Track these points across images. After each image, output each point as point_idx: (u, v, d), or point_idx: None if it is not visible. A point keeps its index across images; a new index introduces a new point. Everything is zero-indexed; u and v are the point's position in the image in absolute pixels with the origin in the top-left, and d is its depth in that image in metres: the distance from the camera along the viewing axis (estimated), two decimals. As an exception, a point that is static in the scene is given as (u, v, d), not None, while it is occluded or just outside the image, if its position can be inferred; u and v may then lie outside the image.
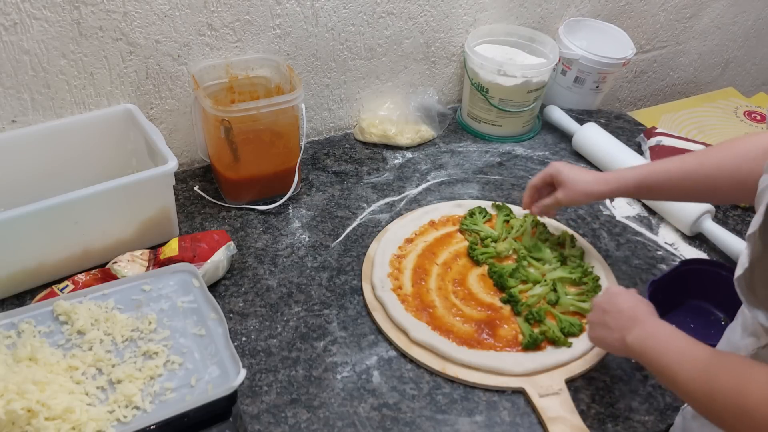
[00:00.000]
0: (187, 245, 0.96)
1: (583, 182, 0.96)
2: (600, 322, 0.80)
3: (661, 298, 0.91)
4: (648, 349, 0.70)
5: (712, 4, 1.76)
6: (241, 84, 1.16)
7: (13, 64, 0.97)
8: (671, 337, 0.68)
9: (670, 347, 0.67)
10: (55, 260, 0.94)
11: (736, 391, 0.57)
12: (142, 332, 0.78)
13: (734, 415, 0.57)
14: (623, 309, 0.77)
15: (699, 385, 0.61)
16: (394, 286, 0.99)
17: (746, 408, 0.55)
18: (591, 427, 0.82)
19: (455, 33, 1.39)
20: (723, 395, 0.58)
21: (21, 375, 0.68)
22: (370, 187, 1.22)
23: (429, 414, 0.83)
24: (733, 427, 0.59)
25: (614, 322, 0.77)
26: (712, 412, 0.61)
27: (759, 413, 0.54)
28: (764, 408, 0.54)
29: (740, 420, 0.56)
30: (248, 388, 0.84)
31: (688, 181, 0.87)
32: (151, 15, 1.03)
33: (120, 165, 1.10)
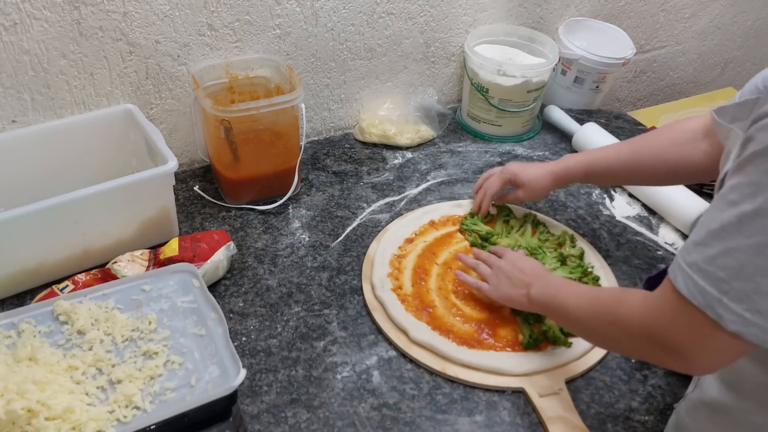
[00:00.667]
0: (187, 245, 0.96)
1: (539, 181, 1.05)
2: (505, 282, 0.90)
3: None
4: (547, 297, 0.81)
5: (711, 4, 1.76)
6: (241, 84, 1.16)
7: (13, 64, 0.97)
8: (565, 283, 0.81)
9: (564, 289, 0.79)
10: (55, 260, 0.94)
11: (613, 309, 0.67)
12: (142, 332, 0.78)
13: (612, 327, 0.67)
14: (525, 269, 0.89)
15: (585, 310, 0.72)
16: (394, 286, 0.99)
17: (622, 321, 0.65)
18: (591, 427, 0.82)
19: (455, 33, 1.39)
20: (604, 314, 0.68)
21: (21, 375, 0.68)
22: (370, 187, 1.22)
23: (429, 414, 0.83)
24: (613, 338, 0.68)
25: (519, 280, 0.88)
26: (596, 330, 0.71)
27: (631, 323, 0.64)
28: (635, 319, 0.63)
29: (617, 331, 0.66)
30: (248, 388, 0.84)
31: (626, 169, 0.96)
32: (151, 15, 1.03)
33: (120, 165, 1.10)
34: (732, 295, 0.52)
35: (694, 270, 0.55)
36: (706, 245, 0.55)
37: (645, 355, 0.65)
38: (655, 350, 0.62)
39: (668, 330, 0.59)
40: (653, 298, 0.62)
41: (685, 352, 0.58)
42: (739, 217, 0.52)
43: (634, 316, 0.64)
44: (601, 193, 1.25)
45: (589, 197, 1.24)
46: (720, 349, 0.56)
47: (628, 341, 0.66)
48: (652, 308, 0.61)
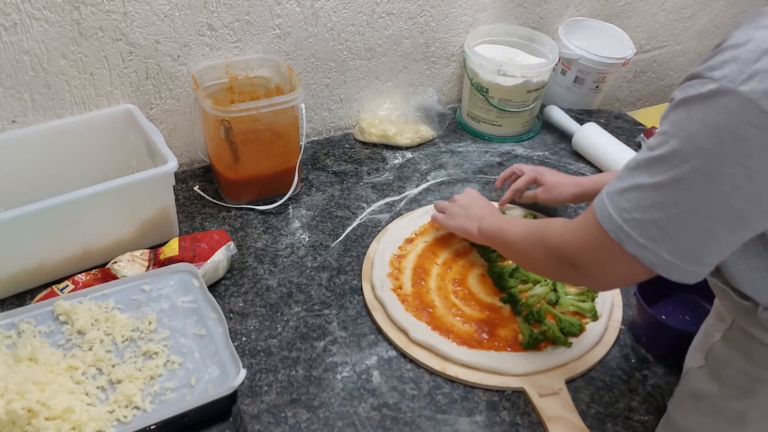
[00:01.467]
0: (187, 245, 0.96)
1: (562, 187, 1.08)
2: (462, 214, 1.01)
3: (650, 289, 0.92)
4: (494, 228, 0.91)
5: (711, 4, 1.76)
6: (241, 84, 1.16)
7: (13, 65, 0.97)
8: (510, 220, 0.93)
9: (507, 222, 0.89)
10: (55, 260, 0.94)
11: (540, 231, 0.76)
12: (142, 332, 0.78)
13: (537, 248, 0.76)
14: (481, 205, 1.02)
15: (519, 235, 0.82)
16: (394, 286, 0.99)
17: (544, 240, 0.74)
18: (591, 427, 0.82)
19: (455, 33, 1.39)
20: (532, 236, 0.78)
21: (21, 375, 0.68)
22: (370, 187, 1.22)
23: (429, 414, 0.83)
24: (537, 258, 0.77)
25: (474, 213, 1.00)
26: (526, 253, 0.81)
27: (550, 242, 0.73)
28: (555, 238, 0.72)
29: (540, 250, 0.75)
30: (248, 388, 0.84)
31: None
32: (151, 15, 1.03)
33: (120, 165, 1.10)
34: (631, 223, 0.60)
35: (608, 198, 0.62)
36: (621, 179, 0.61)
37: (558, 273, 0.74)
38: (565, 267, 0.70)
39: (578, 248, 0.68)
40: (573, 222, 0.70)
41: (590, 269, 0.67)
42: (648, 159, 0.59)
43: (554, 236, 0.72)
44: (601, 193, 1.25)
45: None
46: (620, 269, 0.63)
47: (546, 259, 0.74)
48: (570, 230, 0.70)
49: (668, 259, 0.59)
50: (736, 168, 0.53)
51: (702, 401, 0.73)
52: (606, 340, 0.94)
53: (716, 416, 0.71)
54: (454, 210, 1.03)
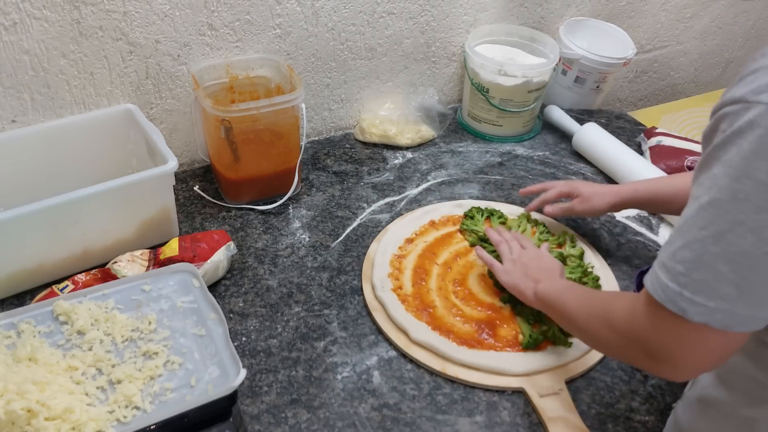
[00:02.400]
0: (187, 245, 0.96)
1: (600, 197, 1.02)
2: (519, 271, 0.92)
3: None
4: (552, 296, 0.82)
5: (712, 4, 1.76)
6: (241, 84, 1.16)
7: (13, 64, 0.97)
8: (570, 285, 0.83)
9: (567, 290, 0.80)
10: (55, 260, 0.94)
11: (605, 310, 0.68)
12: (142, 332, 0.78)
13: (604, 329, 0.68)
14: (543, 265, 0.92)
15: (581, 311, 0.74)
16: (395, 286, 0.98)
17: (611, 322, 0.66)
18: (591, 427, 0.81)
19: (456, 33, 1.39)
20: (596, 315, 0.70)
21: (21, 375, 0.68)
22: (370, 187, 1.22)
23: (429, 414, 0.83)
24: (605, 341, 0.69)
25: (532, 274, 0.90)
26: (590, 332, 0.72)
27: (618, 326, 0.65)
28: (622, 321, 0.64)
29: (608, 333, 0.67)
30: (248, 388, 0.84)
31: None
32: (151, 15, 1.03)
33: (120, 165, 1.10)
34: (692, 287, 0.53)
35: (660, 267, 0.56)
36: (671, 242, 0.56)
37: (633, 360, 0.65)
38: (640, 355, 0.62)
39: (646, 332, 0.60)
40: (636, 299, 0.62)
41: (664, 355, 0.59)
42: (696, 209, 0.53)
43: (621, 319, 0.64)
44: (602, 193, 1.25)
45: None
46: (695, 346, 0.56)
47: (617, 344, 0.66)
48: (634, 309, 0.62)
49: (744, 313, 0.52)
50: None
51: (711, 407, 0.72)
52: (606, 341, 0.93)
53: (725, 423, 0.70)
54: (512, 266, 0.94)
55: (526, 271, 0.91)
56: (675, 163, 1.25)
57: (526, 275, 0.91)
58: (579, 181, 1.09)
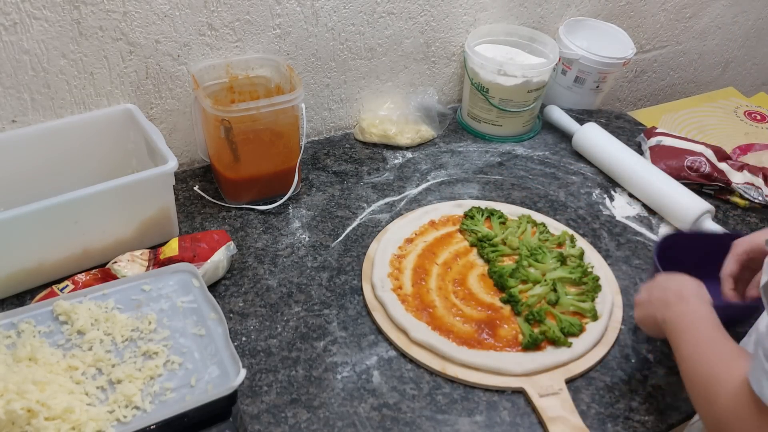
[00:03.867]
0: (187, 245, 0.96)
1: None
2: (646, 301, 0.80)
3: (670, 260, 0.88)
4: (672, 331, 0.71)
5: (712, 4, 1.76)
6: (241, 84, 1.16)
7: (13, 64, 0.97)
8: (694, 321, 0.69)
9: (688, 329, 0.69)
10: (55, 260, 0.94)
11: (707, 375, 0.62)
12: (142, 332, 0.78)
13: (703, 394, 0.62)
14: (669, 287, 0.77)
15: (689, 365, 0.66)
16: (394, 286, 0.98)
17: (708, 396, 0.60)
18: (591, 427, 0.82)
19: (455, 33, 1.39)
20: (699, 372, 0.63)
21: (21, 375, 0.68)
22: (370, 187, 1.22)
23: (429, 414, 0.83)
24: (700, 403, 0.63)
25: (658, 299, 0.77)
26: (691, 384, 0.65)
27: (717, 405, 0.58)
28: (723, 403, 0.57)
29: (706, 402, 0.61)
30: (248, 388, 0.84)
31: None
32: (151, 15, 1.03)
33: (120, 165, 1.10)
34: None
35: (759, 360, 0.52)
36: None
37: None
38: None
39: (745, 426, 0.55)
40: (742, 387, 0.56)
41: None
42: None
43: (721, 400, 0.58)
44: (601, 193, 1.25)
45: (589, 197, 1.24)
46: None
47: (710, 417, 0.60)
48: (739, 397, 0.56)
49: None
50: None
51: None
52: (606, 340, 0.94)
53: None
54: (641, 297, 0.83)
55: (651, 297, 0.79)
56: (675, 163, 1.26)
57: (651, 302, 0.79)
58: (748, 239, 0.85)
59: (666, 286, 0.78)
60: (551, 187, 1.26)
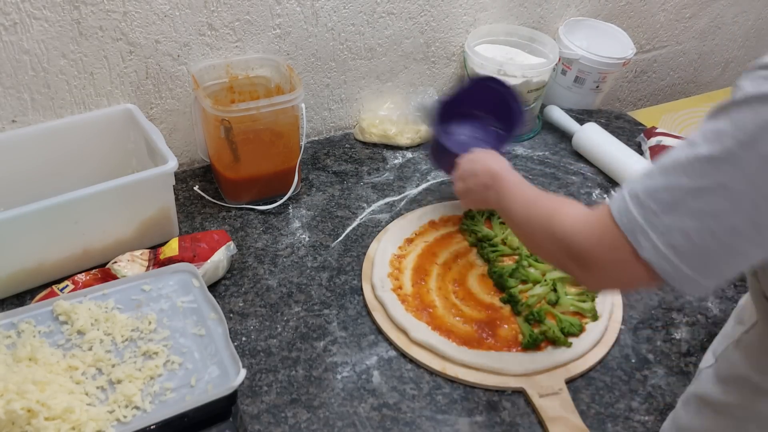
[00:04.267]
0: (187, 245, 0.96)
1: None
2: (466, 190, 0.93)
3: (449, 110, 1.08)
4: (502, 201, 0.82)
5: (712, 4, 1.76)
6: (241, 84, 1.16)
7: (13, 64, 0.97)
8: (515, 186, 0.82)
9: (513, 193, 0.81)
10: (55, 260, 0.94)
11: (548, 216, 0.69)
12: (142, 332, 0.78)
13: (544, 233, 0.69)
14: (477, 171, 0.90)
15: (524, 215, 0.76)
16: (394, 286, 0.98)
17: (554, 230, 0.66)
18: (591, 427, 0.82)
19: (455, 33, 1.39)
20: (539, 217, 0.71)
21: (21, 375, 0.68)
22: (370, 187, 1.22)
23: (429, 414, 0.83)
24: (543, 245, 0.70)
25: (475, 186, 0.90)
26: (530, 235, 0.74)
27: (559, 232, 0.65)
28: (565, 228, 0.65)
29: (549, 238, 0.68)
30: (248, 388, 0.84)
31: None
32: (151, 15, 1.03)
33: (120, 165, 1.10)
34: (656, 228, 0.54)
35: (632, 197, 0.56)
36: (651, 177, 0.56)
37: (561, 265, 0.68)
38: (569, 262, 0.64)
39: (588, 247, 0.61)
40: (587, 215, 0.64)
41: (595, 270, 0.62)
42: (691, 158, 0.52)
43: (564, 226, 0.65)
44: (601, 193, 1.25)
45: (589, 197, 1.24)
46: (627, 274, 0.58)
47: (551, 248, 0.68)
48: (582, 224, 0.63)
49: (687, 273, 0.53)
50: None
51: (708, 406, 0.71)
52: (606, 340, 0.94)
53: (720, 423, 0.70)
54: (458, 184, 0.95)
55: (468, 185, 0.92)
56: (675, 163, 1.25)
57: (471, 189, 0.91)
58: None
59: (474, 170, 0.90)
60: (551, 187, 1.26)
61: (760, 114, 0.48)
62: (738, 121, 0.49)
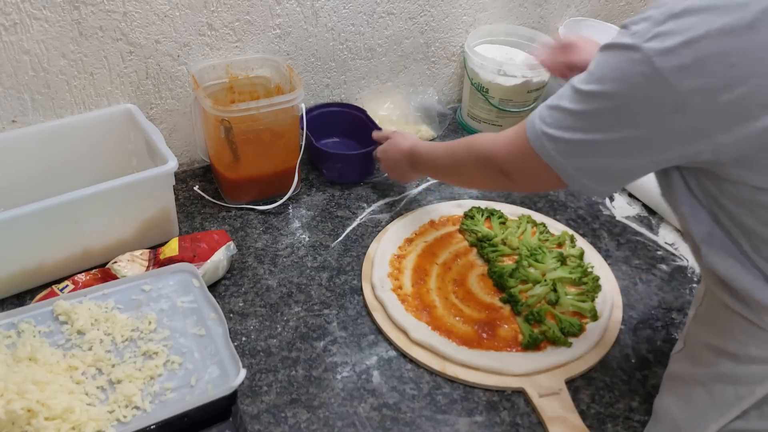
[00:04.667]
0: (187, 245, 0.96)
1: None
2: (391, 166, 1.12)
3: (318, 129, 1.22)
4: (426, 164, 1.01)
5: (712, 4, 1.76)
6: (241, 84, 1.16)
7: (13, 64, 0.97)
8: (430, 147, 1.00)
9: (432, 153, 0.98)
10: (55, 260, 0.94)
11: (468, 144, 0.87)
12: (142, 332, 0.78)
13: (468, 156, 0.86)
14: (398, 158, 1.07)
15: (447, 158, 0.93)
16: (394, 286, 0.98)
17: (477, 151, 0.84)
18: (591, 427, 0.82)
19: (455, 33, 1.39)
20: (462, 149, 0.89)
21: (21, 375, 0.68)
22: (370, 187, 1.22)
23: (429, 414, 0.83)
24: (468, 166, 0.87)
25: (399, 169, 1.09)
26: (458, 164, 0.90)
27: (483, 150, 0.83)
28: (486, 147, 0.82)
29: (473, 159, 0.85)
30: (248, 388, 0.84)
31: None
32: (151, 15, 1.03)
33: (120, 165, 1.10)
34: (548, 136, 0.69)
35: (539, 110, 0.71)
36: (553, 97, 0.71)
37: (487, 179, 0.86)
38: (494, 173, 0.80)
39: (506, 155, 0.77)
40: (504, 133, 0.79)
41: (515, 174, 0.78)
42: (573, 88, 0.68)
43: (485, 145, 0.82)
44: (602, 193, 1.25)
45: (588, 197, 1.24)
46: (539, 176, 0.73)
47: (476, 166, 0.84)
48: (500, 140, 0.79)
49: (572, 173, 0.69)
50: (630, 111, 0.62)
51: (677, 381, 0.76)
52: (606, 340, 0.94)
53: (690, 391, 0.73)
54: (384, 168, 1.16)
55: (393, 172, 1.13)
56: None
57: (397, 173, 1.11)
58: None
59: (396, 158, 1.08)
60: (551, 187, 1.25)
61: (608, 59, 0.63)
62: (597, 64, 0.64)
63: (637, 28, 0.60)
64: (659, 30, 0.58)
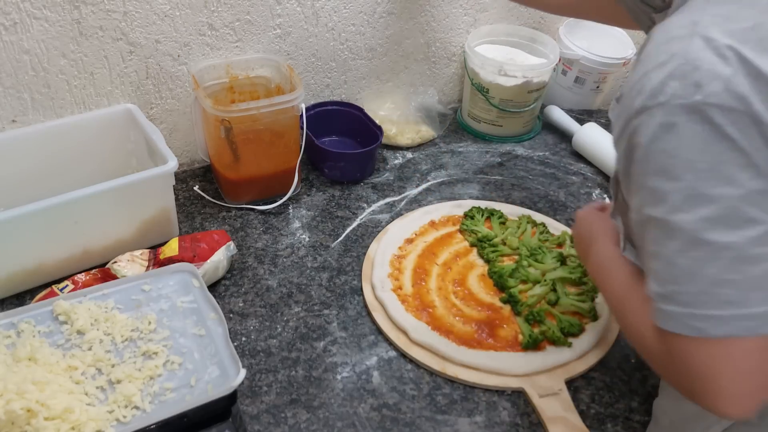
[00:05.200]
0: (187, 245, 0.96)
1: None
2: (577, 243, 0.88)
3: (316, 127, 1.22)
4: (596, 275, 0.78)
5: (712, 4, 1.76)
6: (242, 84, 1.16)
7: (13, 64, 0.97)
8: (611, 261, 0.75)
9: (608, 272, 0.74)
10: (55, 260, 0.94)
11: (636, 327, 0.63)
12: (142, 332, 0.78)
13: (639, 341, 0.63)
14: (583, 236, 0.85)
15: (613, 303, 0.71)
16: (394, 286, 0.98)
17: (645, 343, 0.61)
18: (591, 427, 0.82)
19: (456, 33, 1.39)
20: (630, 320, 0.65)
21: (20, 375, 0.68)
22: (370, 187, 1.22)
23: (429, 414, 0.83)
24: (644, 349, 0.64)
25: (579, 249, 0.87)
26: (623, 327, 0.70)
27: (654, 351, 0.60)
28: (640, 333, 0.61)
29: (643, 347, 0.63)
30: (248, 388, 0.84)
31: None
32: (151, 15, 1.03)
33: (120, 165, 1.10)
34: (698, 300, 0.50)
35: (656, 298, 0.54)
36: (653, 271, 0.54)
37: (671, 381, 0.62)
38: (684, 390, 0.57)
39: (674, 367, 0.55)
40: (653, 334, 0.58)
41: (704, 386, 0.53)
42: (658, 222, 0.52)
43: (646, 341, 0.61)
44: (601, 193, 1.25)
45: (589, 197, 1.24)
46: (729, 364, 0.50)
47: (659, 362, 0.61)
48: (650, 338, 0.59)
49: (761, 310, 0.49)
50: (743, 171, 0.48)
51: None
52: (606, 340, 0.94)
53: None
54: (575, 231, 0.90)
55: (577, 247, 0.87)
56: (675, 164, 1.25)
57: (582, 246, 0.84)
58: None
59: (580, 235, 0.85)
60: (551, 188, 1.26)
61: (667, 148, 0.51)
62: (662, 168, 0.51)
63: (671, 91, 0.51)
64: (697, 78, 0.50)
